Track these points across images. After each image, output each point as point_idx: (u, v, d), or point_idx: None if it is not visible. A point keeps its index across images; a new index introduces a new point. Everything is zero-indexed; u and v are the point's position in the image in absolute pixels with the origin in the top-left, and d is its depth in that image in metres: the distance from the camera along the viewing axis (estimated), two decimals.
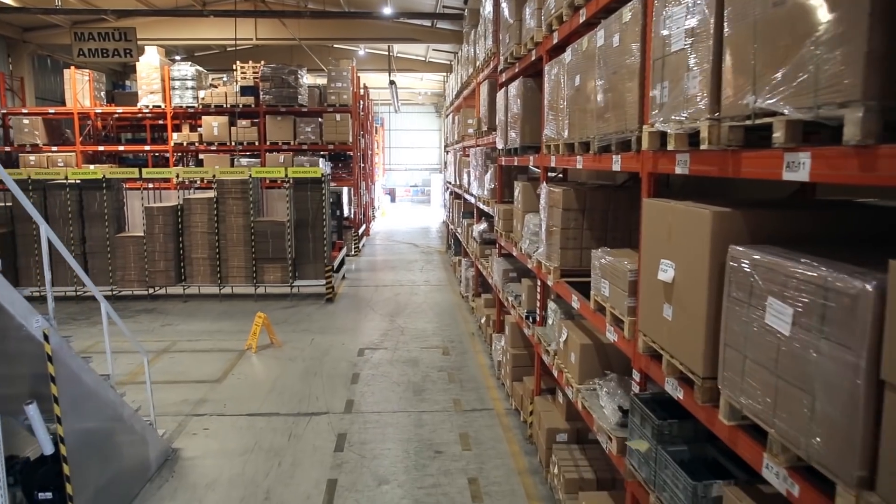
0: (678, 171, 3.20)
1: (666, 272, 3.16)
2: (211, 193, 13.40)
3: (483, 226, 11.43)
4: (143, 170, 13.12)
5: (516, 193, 7.79)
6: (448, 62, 27.52)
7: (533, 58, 6.80)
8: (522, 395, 7.33)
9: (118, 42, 13.14)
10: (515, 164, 7.87)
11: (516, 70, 7.74)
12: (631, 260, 4.03)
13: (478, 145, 11.50)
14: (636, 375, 3.83)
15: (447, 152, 22.48)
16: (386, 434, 7.05)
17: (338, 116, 18.91)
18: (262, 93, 18.54)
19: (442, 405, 7.88)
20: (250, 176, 13.07)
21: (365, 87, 25.18)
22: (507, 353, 8.09)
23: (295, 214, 13.75)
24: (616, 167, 4.16)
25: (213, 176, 13.11)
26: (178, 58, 22.96)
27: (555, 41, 5.83)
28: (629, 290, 3.88)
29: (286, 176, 13.08)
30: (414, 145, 45.91)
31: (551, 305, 6.20)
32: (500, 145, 8.72)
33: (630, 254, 4.35)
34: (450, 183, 18.65)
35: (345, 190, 18.42)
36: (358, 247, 19.86)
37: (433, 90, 38.60)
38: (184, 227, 13.31)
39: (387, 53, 26.90)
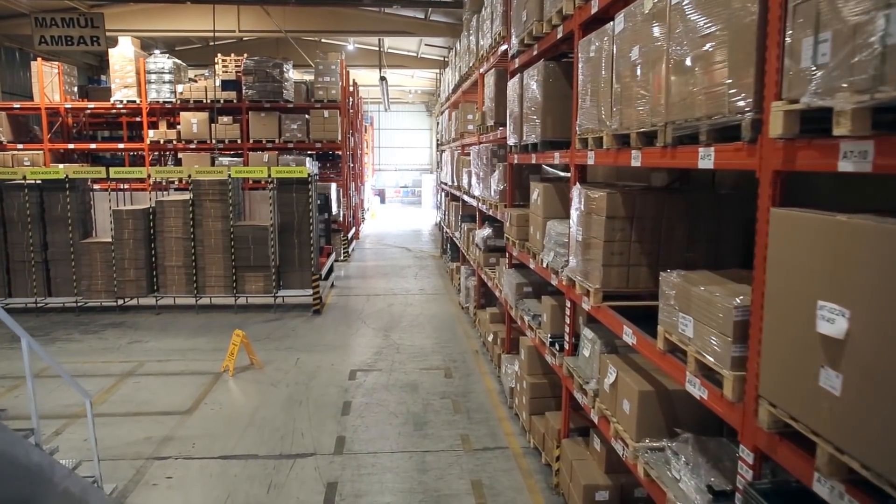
0: (845, 167, 2.11)
1: (832, 322, 2.07)
2: (186, 195, 12.20)
3: (487, 231, 10.34)
4: (111, 169, 11.91)
5: (534, 196, 6.71)
6: (441, 58, 26.43)
7: (559, 35, 5.71)
8: (544, 434, 6.24)
9: (84, 29, 11.95)
10: (533, 161, 6.78)
11: (535, 53, 6.64)
12: (732, 292, 2.95)
13: (481, 142, 10.41)
14: (747, 454, 2.74)
15: (441, 152, 21.40)
16: (384, 482, 5.93)
17: (326, 113, 17.78)
18: (244, 87, 17.37)
19: (448, 443, 6.76)
20: (230, 176, 11.90)
21: (354, 84, 24.04)
22: (522, 380, 7.00)
23: (279, 218, 12.59)
24: (706, 163, 3.07)
25: (189, 176, 11.93)
26: (157, 52, 21.69)
27: (593, 10, 4.74)
28: (734, 334, 2.80)
29: (269, 176, 11.92)
30: (404, 145, 44.76)
31: (586, 333, 5.11)
32: (511, 141, 7.63)
33: (720, 280, 3.26)
34: (445, 184, 17.56)
35: (333, 189, 17.24)
36: (347, 251, 18.72)
37: (424, 88, 37.49)
38: (156, 232, 12.11)
39: (377, 49, 25.75)
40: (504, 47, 8.49)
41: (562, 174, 8.93)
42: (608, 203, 4.50)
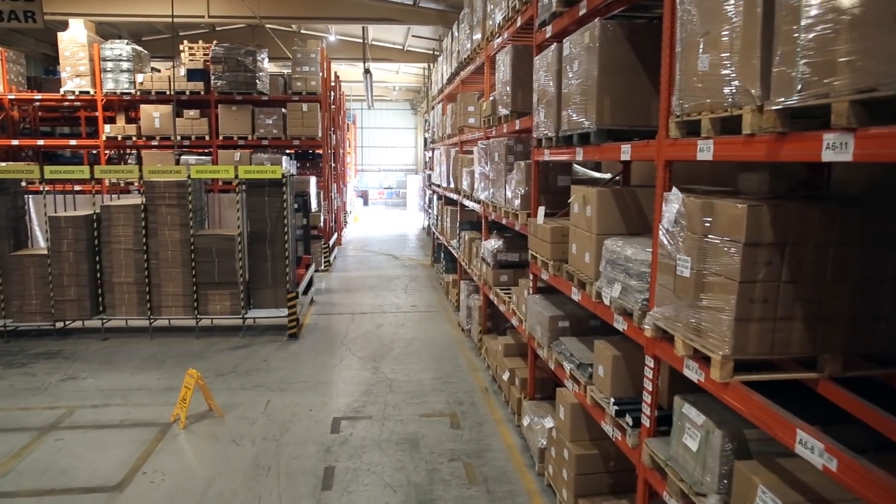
0: None
1: None
2: (137, 199, 10.35)
3: (497, 244, 8.64)
4: (46, 168, 10.02)
5: (578, 204, 5.01)
6: (430, 51, 24.71)
7: None
8: None
9: (15, 2, 10.08)
10: (579, 157, 5.08)
11: (582, 12, 4.94)
12: None
13: (489, 137, 8.70)
14: None
15: (430, 150, 19.70)
16: None
17: (304, 107, 15.97)
18: (213, 77, 15.52)
19: None
20: (189, 176, 10.07)
21: (336, 77, 22.23)
22: (562, 447, 5.29)
23: (249, 226, 10.78)
24: None
25: (140, 176, 10.07)
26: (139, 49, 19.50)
27: None
28: None
29: (236, 177, 10.10)
30: (388, 144, 42.97)
31: (688, 412, 3.41)
32: (542, 133, 5.93)
33: None
34: (436, 185, 15.84)
35: (312, 184, 15.36)
36: (329, 260, 16.91)
37: (409, 85, 35.75)
38: (101, 243, 10.23)
39: (361, 41, 23.96)
40: (528, 16, 6.80)
41: (596, 175, 7.26)
42: (750, 221, 2.82)
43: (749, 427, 3.07)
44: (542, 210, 6.18)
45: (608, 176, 7.27)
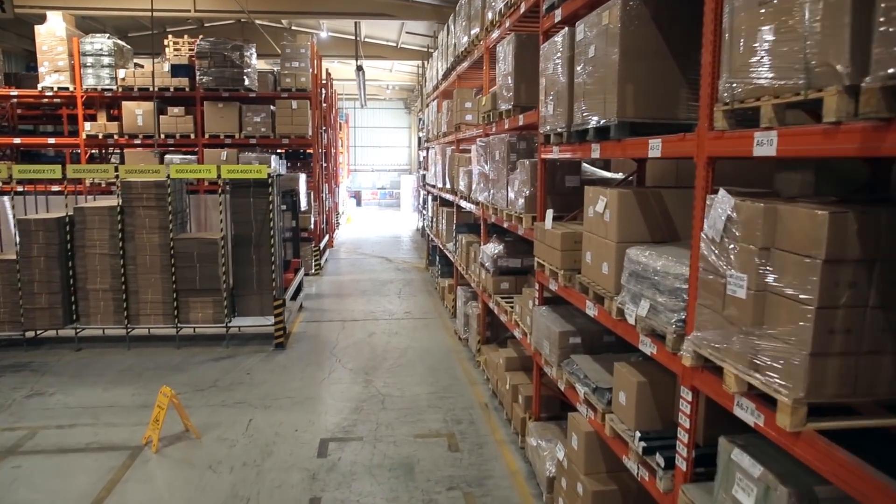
0: None
1: None
2: (113, 201, 9.72)
3: (497, 248, 8.06)
4: (16, 167, 9.38)
5: (597, 208, 4.44)
6: (424, 48, 24.14)
7: None
8: None
9: None
10: (595, 154, 4.50)
11: None
12: None
13: (489, 135, 8.13)
14: None
15: (425, 149, 19.13)
16: None
17: (294, 104, 15.35)
18: (198, 73, 14.88)
19: None
20: (169, 176, 9.45)
21: (328, 74, 21.61)
22: (575, 479, 4.71)
23: (233, 229, 10.17)
24: None
25: (116, 176, 9.44)
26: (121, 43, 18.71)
27: None
28: None
29: (218, 176, 9.48)
30: (382, 144, 42.33)
31: (740, 459, 2.83)
32: (551, 127, 5.37)
33: None
34: (431, 186, 15.27)
35: (302, 181, 14.69)
36: (319, 263, 16.29)
37: (403, 84, 35.13)
38: (75, 248, 9.60)
39: (353, 38, 23.34)
40: (525, 6, 6.25)
41: (606, 175, 6.70)
42: (832, 232, 2.25)
43: (821, 482, 2.50)
44: (549, 214, 5.60)
45: (619, 176, 6.71)
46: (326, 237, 18.73)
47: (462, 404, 7.66)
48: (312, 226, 15.87)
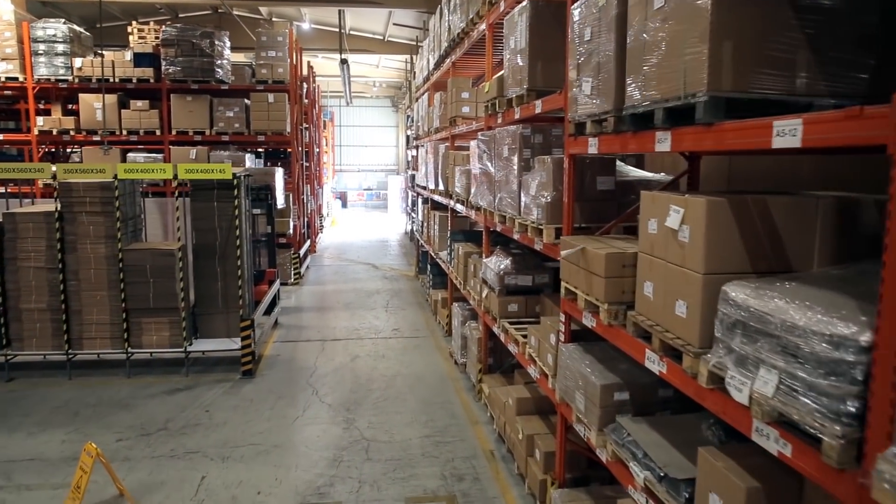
0: None
1: None
2: (50, 205, 8.31)
3: (503, 263, 6.76)
4: None
5: (663, 221, 3.15)
6: (412, 41, 22.82)
7: None
8: None
9: None
10: (663, 147, 3.20)
11: None
12: None
13: (492, 127, 6.83)
14: None
15: (415, 148, 17.86)
16: None
17: (270, 97, 13.98)
18: (164, 62, 13.47)
19: None
20: (116, 177, 8.06)
21: (310, 67, 20.24)
22: None
23: (194, 237, 8.80)
24: None
25: (54, 176, 8.04)
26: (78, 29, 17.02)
27: None
28: None
29: (175, 177, 8.11)
30: (368, 143, 40.92)
31: None
32: (580, 114, 4.09)
33: None
34: (421, 187, 13.97)
35: (278, 178, 13.26)
36: (299, 272, 14.91)
37: (390, 80, 33.79)
38: (5, 261, 8.19)
39: (337, 30, 21.97)
40: None
41: (648, 175, 5.45)
42: None
43: None
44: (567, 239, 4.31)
45: (662, 177, 5.44)
46: (308, 242, 17.36)
47: (463, 452, 6.35)
48: (291, 230, 14.48)
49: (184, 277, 8.45)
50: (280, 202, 13.30)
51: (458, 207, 9.25)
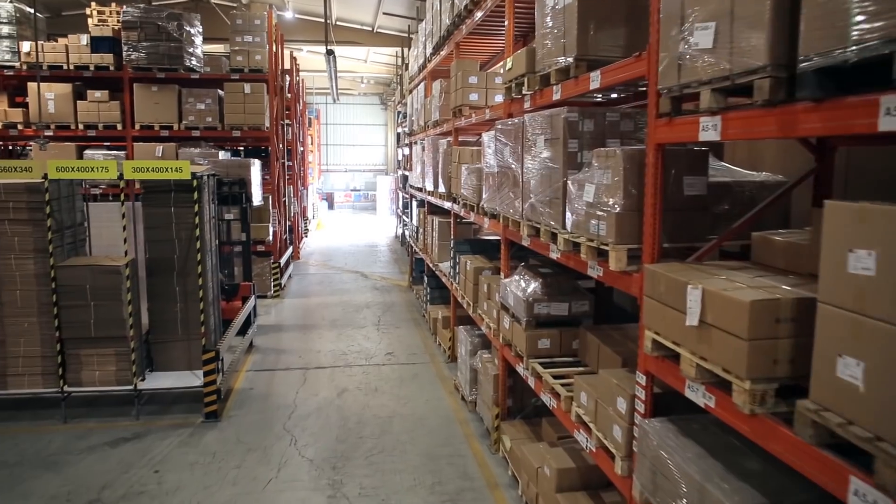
0: None
1: None
2: None
3: (533, 286, 5.32)
4: None
5: (881, 251, 1.69)
6: (403, 32, 21.36)
7: None
8: None
9: None
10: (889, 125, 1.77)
11: None
12: None
13: (513, 115, 5.39)
14: None
15: (408, 146, 16.43)
16: None
17: (246, 87, 12.46)
18: (126, 48, 11.90)
19: None
20: (46, 177, 6.53)
21: (293, 58, 18.71)
22: None
23: (148, 250, 7.29)
24: None
25: None
26: (28, 10, 15.25)
27: None
28: None
29: (120, 177, 6.59)
30: (356, 142, 39.38)
31: None
32: (689, 79, 2.64)
33: None
34: (416, 188, 12.52)
35: (254, 175, 11.69)
36: (280, 283, 13.38)
37: (379, 76, 32.29)
38: None
39: (323, 20, 20.45)
40: None
41: (749, 176, 4.01)
42: None
43: None
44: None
45: (765, 176, 4.01)
46: (290, 249, 15.84)
47: None
48: (271, 237, 12.96)
49: (134, 299, 6.94)
50: (257, 199, 11.75)
51: (464, 213, 7.80)
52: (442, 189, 9.20)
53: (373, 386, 8.06)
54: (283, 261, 13.73)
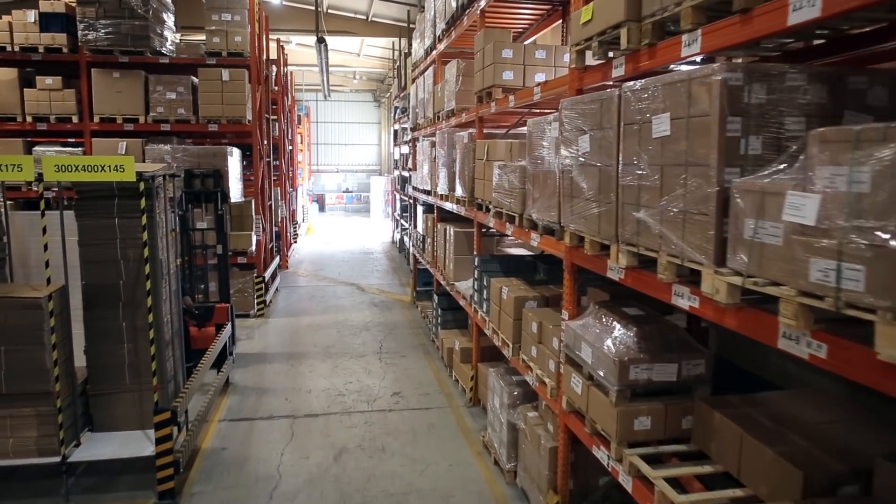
0: None
1: None
2: None
3: (625, 337, 3.69)
4: None
5: None
6: (401, 21, 19.67)
7: None
8: None
9: None
10: None
11: None
12: None
13: (582, 90, 3.69)
14: None
15: (409, 143, 14.77)
16: None
17: (225, 73, 10.70)
18: (82, 26, 10.12)
19: None
20: None
21: (280, 46, 16.96)
22: None
23: (84, 274, 5.53)
24: None
25: None
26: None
27: None
28: None
29: (38, 179, 4.84)
30: (348, 141, 37.59)
31: None
32: None
33: None
34: (422, 191, 10.85)
35: (232, 166, 9.83)
36: (265, 300, 11.61)
37: (372, 70, 30.55)
38: None
39: (313, 7, 18.71)
40: None
41: None
42: None
43: None
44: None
45: None
46: (277, 259, 14.08)
47: None
48: (254, 247, 11.20)
49: (63, 341, 5.20)
50: (235, 195, 9.91)
51: (495, 224, 6.10)
52: (460, 192, 7.50)
53: (379, 443, 6.34)
54: (268, 274, 11.97)
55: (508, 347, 5.60)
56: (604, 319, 3.96)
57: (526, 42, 8.39)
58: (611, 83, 3.71)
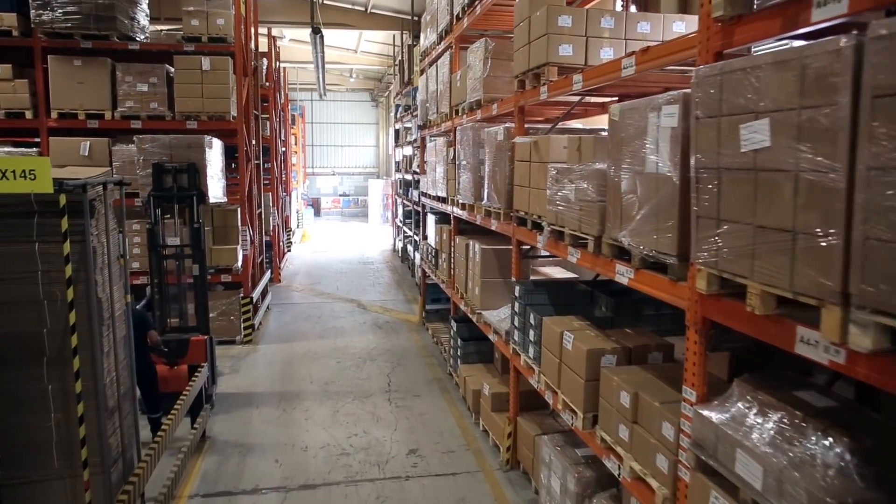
0: None
1: None
2: None
3: (816, 449, 2.13)
4: None
5: None
6: (403, 14, 18.21)
7: None
8: None
9: None
10: None
11: None
12: None
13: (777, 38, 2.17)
14: None
15: (416, 142, 13.35)
16: None
17: (205, 62, 9.20)
18: (36, 5, 8.61)
19: None
20: None
21: (272, 38, 15.47)
22: None
23: None
24: None
25: None
26: None
27: None
28: None
29: None
30: (344, 143, 36.07)
31: None
32: None
33: None
34: (435, 198, 9.39)
35: (214, 159, 8.22)
36: (253, 324, 10.07)
37: (370, 68, 29.06)
38: None
39: None
40: None
41: None
42: None
43: None
44: None
45: None
46: (268, 273, 12.57)
47: None
48: (240, 264, 9.67)
49: None
50: (215, 195, 8.33)
51: (556, 248, 4.62)
52: (493, 203, 6.00)
53: None
54: (256, 293, 10.45)
55: (577, 417, 4.10)
56: (771, 414, 2.49)
57: (587, 6, 6.80)
58: (806, 31, 2.24)
